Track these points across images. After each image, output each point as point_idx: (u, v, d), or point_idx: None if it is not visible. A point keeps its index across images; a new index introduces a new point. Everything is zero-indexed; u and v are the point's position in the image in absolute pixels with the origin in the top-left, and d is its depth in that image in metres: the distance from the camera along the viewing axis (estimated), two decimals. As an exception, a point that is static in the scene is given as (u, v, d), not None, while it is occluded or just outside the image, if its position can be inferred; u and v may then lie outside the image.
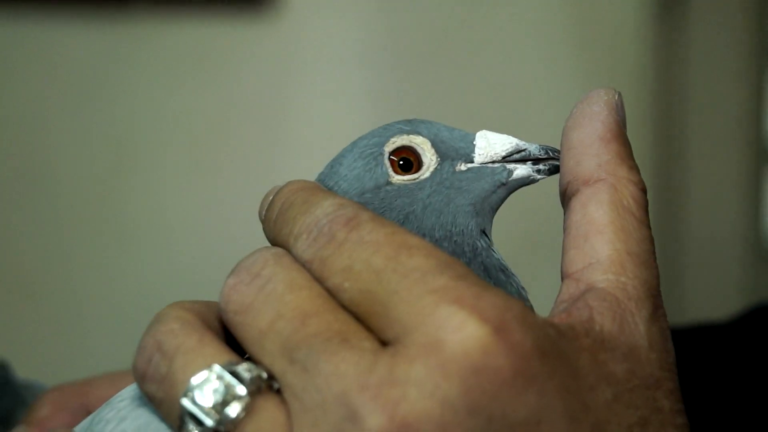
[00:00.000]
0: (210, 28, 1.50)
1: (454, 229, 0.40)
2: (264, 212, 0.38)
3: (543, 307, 0.37)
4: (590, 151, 0.38)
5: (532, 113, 1.54)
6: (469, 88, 1.57)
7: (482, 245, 0.40)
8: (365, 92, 1.56)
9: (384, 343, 0.33)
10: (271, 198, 0.38)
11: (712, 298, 1.72)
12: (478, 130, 0.41)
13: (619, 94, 0.39)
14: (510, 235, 0.71)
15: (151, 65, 1.50)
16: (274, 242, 0.37)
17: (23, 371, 0.60)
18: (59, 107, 1.48)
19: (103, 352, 1.47)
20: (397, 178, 0.40)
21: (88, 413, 0.49)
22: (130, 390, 0.38)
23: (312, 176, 0.42)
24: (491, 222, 0.41)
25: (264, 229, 0.38)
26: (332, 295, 0.34)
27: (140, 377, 0.35)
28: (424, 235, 0.39)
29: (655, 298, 0.36)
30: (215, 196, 1.53)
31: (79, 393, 0.51)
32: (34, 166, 1.49)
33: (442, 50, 1.58)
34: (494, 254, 0.40)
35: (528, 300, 0.39)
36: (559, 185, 0.39)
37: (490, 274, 0.39)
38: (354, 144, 0.41)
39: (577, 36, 1.60)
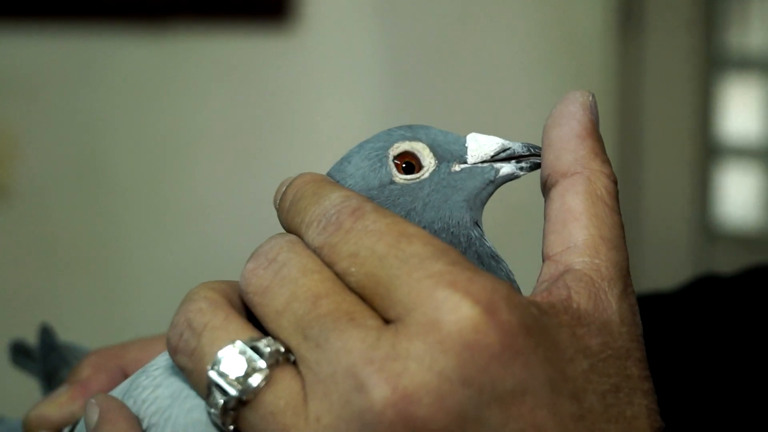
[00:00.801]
0: (238, 42, 1.51)
1: (450, 221, 0.39)
2: (278, 201, 0.37)
3: (525, 286, 0.36)
4: (568, 146, 0.37)
5: (514, 113, 1.55)
6: (462, 93, 1.59)
7: (475, 235, 0.39)
8: (375, 98, 1.57)
9: (387, 322, 0.32)
10: (284, 189, 0.37)
11: (665, 272, 1.72)
12: (469, 131, 0.41)
13: (593, 96, 0.38)
14: (497, 225, 0.70)
15: (189, 74, 1.51)
16: (288, 230, 0.36)
17: (71, 336, 0.59)
18: (114, 109, 1.49)
19: (140, 319, 1.47)
20: (400, 178, 0.39)
21: (124, 374, 0.48)
22: (164, 359, 0.37)
23: (325, 172, 0.41)
24: (481, 214, 0.40)
25: (278, 217, 0.37)
26: (340, 278, 0.33)
27: (172, 350, 0.34)
28: (424, 227, 0.38)
29: (625, 277, 0.36)
30: (242, 187, 1.54)
31: (116, 356, 0.50)
32: (92, 158, 1.50)
33: (440, 62, 1.60)
34: (486, 243, 0.39)
35: (515, 282, 0.38)
36: (540, 177, 0.38)
37: (483, 261, 0.39)
38: (360, 146, 0.40)
39: (551, 49, 1.62)
